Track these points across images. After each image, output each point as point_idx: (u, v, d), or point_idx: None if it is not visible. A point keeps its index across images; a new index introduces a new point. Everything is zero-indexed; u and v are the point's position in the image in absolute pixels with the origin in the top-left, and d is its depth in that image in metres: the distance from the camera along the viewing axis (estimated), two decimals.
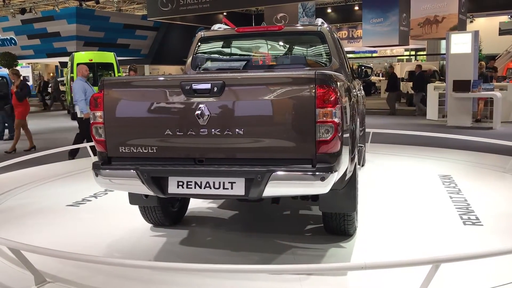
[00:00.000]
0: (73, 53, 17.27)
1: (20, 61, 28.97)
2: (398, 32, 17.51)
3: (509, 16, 24.49)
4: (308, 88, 3.06)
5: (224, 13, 21.94)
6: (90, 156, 7.49)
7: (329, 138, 3.05)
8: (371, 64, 20.73)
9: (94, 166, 3.46)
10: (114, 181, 3.47)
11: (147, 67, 30.69)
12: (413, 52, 29.82)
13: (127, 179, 3.38)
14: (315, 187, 3.11)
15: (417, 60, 28.11)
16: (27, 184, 6.41)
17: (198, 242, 4.19)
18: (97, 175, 3.45)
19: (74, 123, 14.93)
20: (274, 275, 3.28)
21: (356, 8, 24.72)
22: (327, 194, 3.26)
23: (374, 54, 32.29)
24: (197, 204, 5.05)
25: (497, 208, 4.85)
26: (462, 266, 3.28)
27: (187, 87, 3.21)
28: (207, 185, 3.25)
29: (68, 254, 3.31)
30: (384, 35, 17.80)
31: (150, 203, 4.10)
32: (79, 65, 8.29)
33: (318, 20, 4.87)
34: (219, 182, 3.23)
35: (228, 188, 3.23)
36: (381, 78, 26.62)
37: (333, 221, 3.92)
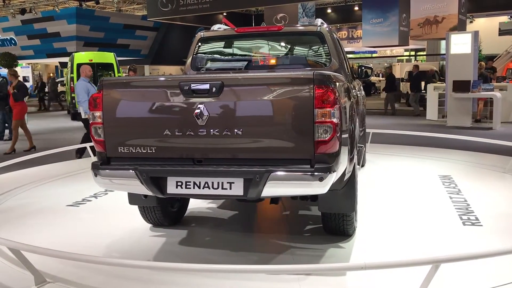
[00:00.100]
0: (73, 54, 17.25)
1: (20, 62, 28.94)
2: (398, 33, 17.52)
3: (509, 17, 24.47)
4: (307, 89, 3.06)
5: (224, 14, 21.94)
6: (90, 156, 7.50)
7: (328, 139, 3.05)
8: (371, 64, 20.72)
9: (93, 166, 3.47)
10: (113, 181, 3.47)
11: (147, 68, 30.69)
12: (413, 53, 29.80)
13: (126, 179, 3.38)
14: (314, 187, 3.11)
15: (417, 61, 28.09)
16: (27, 184, 6.42)
17: (197, 242, 4.19)
18: (96, 175, 3.46)
19: (74, 124, 15.11)
20: (273, 275, 3.29)
21: (356, 9, 24.71)
22: (326, 194, 3.27)
23: (374, 55, 32.26)
24: (197, 204, 5.05)
25: (497, 209, 4.86)
26: (462, 266, 3.28)
27: (186, 88, 3.22)
28: (206, 185, 3.26)
29: (68, 254, 3.32)
30: (384, 36, 17.80)
31: (150, 203, 4.11)
32: (83, 66, 8.28)
33: (318, 21, 4.87)
34: (218, 182, 3.23)
35: (227, 188, 3.23)
36: (381, 79, 26.57)
37: (332, 221, 3.92)
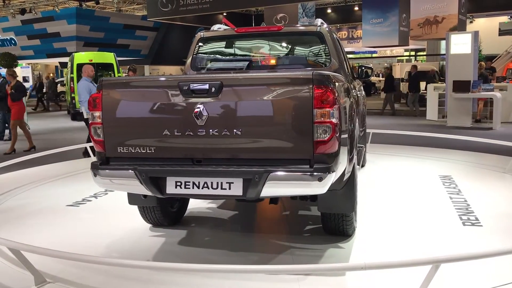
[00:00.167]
0: (73, 54, 17.24)
1: (20, 62, 28.91)
2: (398, 33, 17.50)
3: (509, 17, 24.46)
4: (306, 89, 3.06)
5: (224, 14, 21.93)
6: (90, 157, 7.50)
7: (327, 139, 3.05)
8: (371, 65, 20.71)
9: (93, 166, 3.47)
10: (113, 181, 3.47)
11: (147, 68, 30.67)
12: (413, 53, 29.80)
13: (125, 179, 3.38)
14: (313, 188, 3.11)
15: (416, 61, 28.08)
16: (27, 185, 6.42)
17: (197, 242, 4.19)
18: (96, 175, 3.46)
19: (74, 124, 15.11)
20: (273, 275, 3.28)
21: (356, 9, 24.70)
22: (326, 195, 3.27)
23: (374, 55, 32.27)
24: (197, 204, 5.05)
25: (497, 209, 4.86)
26: (462, 266, 3.28)
27: (185, 88, 3.22)
28: (205, 186, 3.26)
29: (68, 254, 3.32)
30: (384, 36, 17.79)
31: (149, 203, 4.11)
32: (85, 66, 8.29)
33: (318, 21, 4.87)
34: (217, 183, 3.23)
35: (226, 189, 3.23)
36: (381, 79, 26.55)
37: (332, 222, 3.92)
